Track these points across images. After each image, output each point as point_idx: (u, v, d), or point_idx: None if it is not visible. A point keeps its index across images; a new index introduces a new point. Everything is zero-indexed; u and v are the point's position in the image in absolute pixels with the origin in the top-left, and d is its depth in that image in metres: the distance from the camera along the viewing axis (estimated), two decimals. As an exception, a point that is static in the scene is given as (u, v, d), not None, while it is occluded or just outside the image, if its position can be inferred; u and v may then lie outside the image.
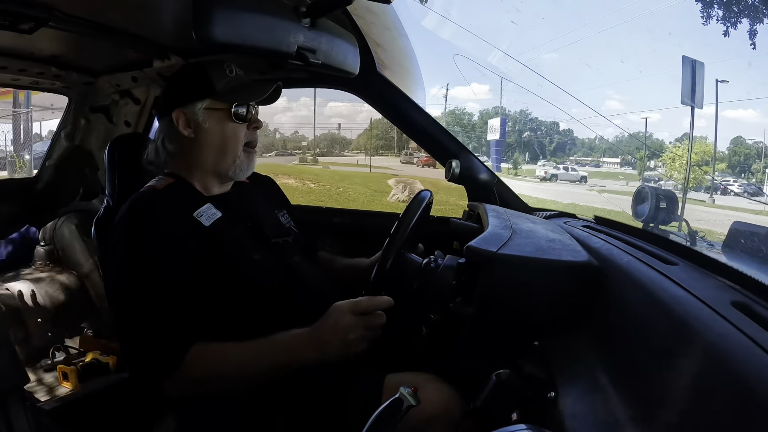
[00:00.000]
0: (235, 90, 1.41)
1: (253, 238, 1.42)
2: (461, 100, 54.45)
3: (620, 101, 49.34)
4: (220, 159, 1.43)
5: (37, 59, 2.26)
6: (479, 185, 1.97)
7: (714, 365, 0.62)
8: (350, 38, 1.58)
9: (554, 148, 33.28)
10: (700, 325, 0.68)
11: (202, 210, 1.37)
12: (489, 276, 1.02)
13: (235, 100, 1.40)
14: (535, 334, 1.05)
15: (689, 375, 0.65)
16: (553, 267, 1.04)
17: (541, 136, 33.88)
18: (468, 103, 50.98)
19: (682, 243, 1.24)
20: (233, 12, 1.21)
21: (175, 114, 1.41)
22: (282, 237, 1.50)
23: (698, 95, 6.32)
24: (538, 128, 34.32)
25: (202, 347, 1.22)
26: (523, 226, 1.28)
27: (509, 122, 29.69)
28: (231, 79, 1.41)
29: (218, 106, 1.40)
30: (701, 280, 0.87)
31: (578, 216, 1.76)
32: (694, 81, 6.22)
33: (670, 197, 1.61)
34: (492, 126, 22.07)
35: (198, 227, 1.35)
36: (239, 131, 1.42)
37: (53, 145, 3.00)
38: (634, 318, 0.86)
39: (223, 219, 1.39)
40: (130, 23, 1.82)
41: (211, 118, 1.40)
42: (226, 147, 1.42)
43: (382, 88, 2.00)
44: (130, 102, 2.60)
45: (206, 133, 1.41)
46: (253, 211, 1.49)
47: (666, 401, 0.67)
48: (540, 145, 32.30)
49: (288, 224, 1.59)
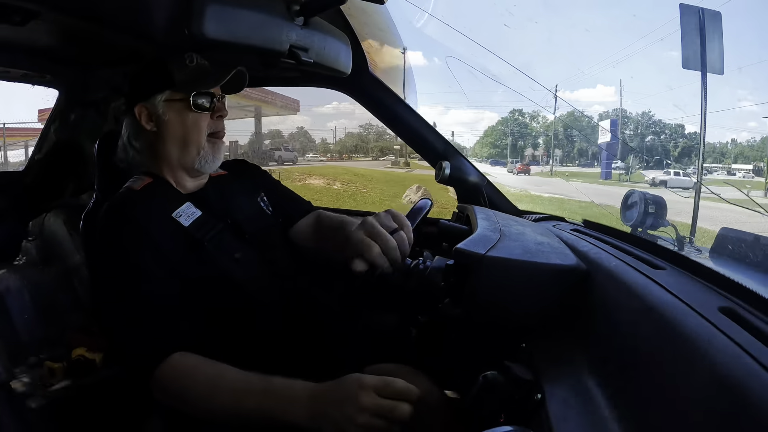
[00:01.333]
0: (194, 79, 1.39)
1: (234, 236, 1.41)
2: (585, 103, 53.60)
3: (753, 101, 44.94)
4: (184, 151, 1.41)
5: (28, 52, 2.24)
6: (469, 187, 1.98)
7: (700, 370, 0.62)
8: (343, 38, 1.58)
9: (678, 153, 30.15)
10: (687, 330, 0.68)
11: (181, 210, 1.36)
12: (477, 278, 1.02)
13: (193, 89, 1.38)
14: (522, 336, 1.05)
15: (675, 379, 0.66)
16: (541, 270, 1.04)
17: (665, 140, 31.16)
18: (594, 106, 49.58)
19: (669, 248, 1.25)
20: (226, 9, 1.21)
21: (137, 109, 1.41)
22: (262, 230, 1.49)
23: (713, 57, 4.18)
24: (661, 131, 31.65)
25: (187, 362, 1.16)
26: (512, 228, 1.29)
27: (630, 125, 29.02)
28: (190, 69, 1.40)
29: (177, 97, 1.38)
30: (689, 285, 0.87)
31: (567, 219, 1.77)
32: (703, 37, 4.24)
33: (658, 202, 1.62)
34: (603, 129, 21.45)
35: (177, 228, 1.34)
36: (200, 121, 1.40)
37: (42, 139, 2.98)
38: (621, 321, 0.86)
39: (202, 218, 1.37)
40: (122, 17, 1.80)
41: (171, 110, 1.39)
42: (188, 138, 1.40)
43: (373, 89, 2.00)
44: (121, 97, 2.59)
45: (167, 125, 1.40)
46: (231, 206, 1.48)
47: (652, 404, 0.67)
48: (663, 149, 30.34)
49: (267, 208, 1.58)
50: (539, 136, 32.80)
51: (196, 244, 1.32)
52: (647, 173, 21.49)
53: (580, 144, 29.28)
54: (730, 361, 0.60)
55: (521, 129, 33.25)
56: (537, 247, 1.14)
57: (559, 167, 27.43)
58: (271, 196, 1.63)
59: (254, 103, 21.52)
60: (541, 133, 32.69)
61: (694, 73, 3.98)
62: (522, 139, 33.05)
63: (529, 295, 1.04)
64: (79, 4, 1.66)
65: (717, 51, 4.08)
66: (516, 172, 24.89)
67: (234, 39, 1.25)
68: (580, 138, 28.88)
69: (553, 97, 28.38)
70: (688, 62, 4.09)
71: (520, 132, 33.21)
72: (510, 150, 31.77)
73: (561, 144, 31.23)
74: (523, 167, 25.99)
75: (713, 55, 4.07)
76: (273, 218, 1.58)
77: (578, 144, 29.21)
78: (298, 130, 26.86)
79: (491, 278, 1.02)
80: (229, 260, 1.35)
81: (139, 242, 1.26)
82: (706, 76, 4.21)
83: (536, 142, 32.62)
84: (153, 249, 1.27)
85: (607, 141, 19.10)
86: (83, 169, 2.81)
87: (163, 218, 1.34)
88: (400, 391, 1.00)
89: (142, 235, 1.27)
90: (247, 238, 1.44)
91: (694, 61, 4.12)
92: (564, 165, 28.52)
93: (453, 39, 2.53)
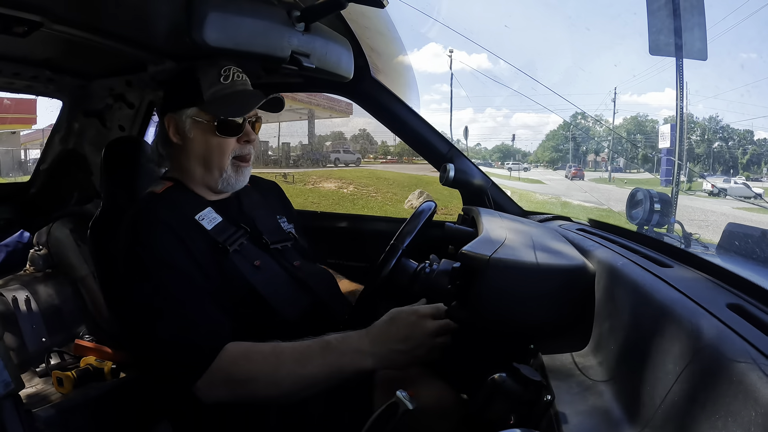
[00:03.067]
0: (222, 101, 1.36)
1: (253, 244, 1.40)
2: (653, 107, 53.29)
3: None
4: (206, 171, 1.40)
5: (31, 63, 2.26)
6: (474, 189, 1.98)
7: (710, 367, 0.62)
8: (344, 42, 1.59)
9: (747, 160, 28.18)
10: (696, 327, 0.68)
11: (203, 213, 1.36)
12: (483, 280, 1.02)
13: (219, 113, 1.35)
14: (530, 338, 1.05)
15: (685, 377, 0.65)
16: (548, 270, 1.04)
17: (732, 146, 29.22)
18: (662, 110, 48.03)
19: (676, 245, 1.24)
20: (227, 16, 1.21)
21: (166, 119, 1.40)
22: (281, 243, 1.48)
23: (691, 40, 3.28)
24: (729, 137, 29.39)
25: (239, 345, 1.17)
26: (517, 229, 1.28)
27: (697, 130, 27.90)
28: (221, 87, 1.37)
29: (203, 118, 1.36)
30: (696, 282, 0.87)
31: (573, 219, 1.77)
32: (677, 17, 3.30)
33: (664, 200, 1.62)
34: (662, 133, 20.17)
35: (201, 230, 1.33)
36: (225, 145, 1.38)
37: (47, 149, 3.00)
38: (629, 320, 0.86)
39: (223, 224, 1.37)
40: (125, 27, 1.82)
41: (196, 128, 1.37)
42: (211, 160, 1.38)
43: (376, 92, 2.00)
44: (124, 106, 2.60)
45: (192, 143, 1.39)
46: (253, 217, 1.47)
47: (662, 403, 0.67)
48: (731, 156, 28.77)
49: (288, 230, 1.56)
50: (602, 141, 31.99)
51: (220, 248, 1.32)
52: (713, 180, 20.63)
53: (645, 149, 28.31)
54: (739, 357, 0.59)
55: (583, 133, 32.38)
56: (543, 248, 1.13)
57: (620, 173, 26.56)
58: (293, 222, 1.62)
59: (305, 106, 21.59)
60: (603, 138, 31.94)
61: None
62: (584, 143, 32.22)
63: (536, 296, 1.03)
64: (82, 16, 1.67)
65: (697, 31, 3.33)
66: (570, 177, 24.77)
67: (236, 46, 1.25)
68: (644, 143, 28.21)
69: (612, 100, 28.08)
70: (658, 48, 3.43)
71: (582, 136, 32.39)
72: (572, 154, 31.23)
73: (624, 149, 30.41)
74: (576, 172, 25.83)
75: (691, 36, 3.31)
76: (292, 236, 1.56)
77: (642, 149, 28.52)
78: (360, 132, 26.85)
79: (498, 280, 1.02)
80: (249, 266, 1.34)
81: (171, 242, 1.25)
82: (682, 65, 3.50)
83: (598, 147, 31.73)
84: (184, 248, 1.26)
85: (666, 146, 18.64)
86: (88, 178, 2.82)
87: (187, 220, 1.33)
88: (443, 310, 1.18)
89: (172, 236, 1.26)
90: (266, 244, 1.43)
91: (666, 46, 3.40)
92: (627, 171, 27.48)
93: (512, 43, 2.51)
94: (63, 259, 2.56)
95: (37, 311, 2.38)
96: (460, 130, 32.64)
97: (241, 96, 1.38)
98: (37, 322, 2.37)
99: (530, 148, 35.66)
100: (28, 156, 20.02)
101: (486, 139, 39.61)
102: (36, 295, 2.42)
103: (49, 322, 2.41)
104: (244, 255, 1.35)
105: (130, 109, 2.60)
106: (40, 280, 2.51)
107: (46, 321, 2.40)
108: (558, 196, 16.65)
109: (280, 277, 1.40)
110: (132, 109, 2.61)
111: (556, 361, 0.94)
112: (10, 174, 18.27)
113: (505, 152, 34.06)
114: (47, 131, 3.21)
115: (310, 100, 20.72)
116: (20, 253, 2.75)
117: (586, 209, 13.31)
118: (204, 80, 1.37)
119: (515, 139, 38.19)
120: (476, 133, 39.81)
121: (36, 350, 2.30)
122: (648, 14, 3.32)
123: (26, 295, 2.37)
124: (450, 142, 2.06)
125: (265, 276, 1.36)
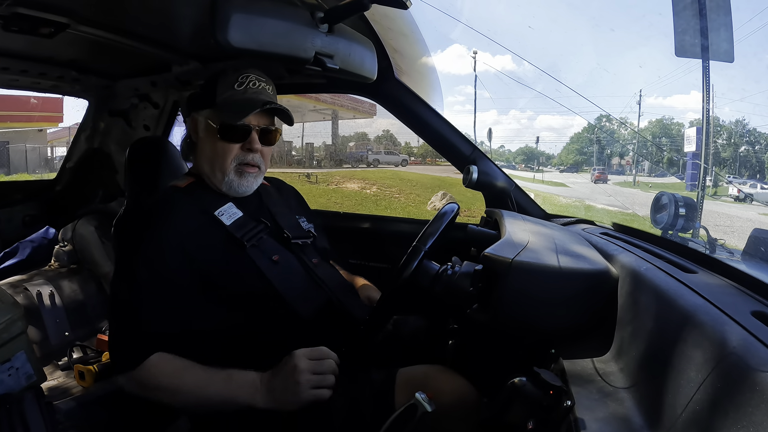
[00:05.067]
0: (228, 107, 1.36)
1: (273, 238, 1.42)
2: (679, 110, 53.05)
3: None
4: (211, 172, 1.41)
5: (57, 63, 2.30)
6: (497, 191, 1.96)
7: (733, 375, 0.61)
8: (368, 44, 1.59)
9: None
10: (719, 335, 0.67)
11: (223, 209, 1.38)
12: (506, 283, 1.01)
13: (222, 118, 1.36)
14: (551, 342, 1.04)
15: (707, 385, 0.64)
16: (571, 274, 1.03)
17: (759, 150, 27.97)
18: (688, 113, 49.12)
19: (701, 251, 1.22)
20: (251, 17, 1.22)
21: (191, 117, 1.44)
22: (302, 239, 1.50)
23: (718, 41, 3.09)
24: (755, 141, 28.23)
25: (164, 358, 1.23)
26: (540, 233, 1.27)
27: (723, 134, 27.02)
28: (233, 93, 1.37)
29: (212, 121, 1.38)
30: (720, 289, 0.86)
31: (596, 223, 1.75)
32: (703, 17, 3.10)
33: (689, 204, 1.59)
34: (688, 136, 19.97)
35: (219, 225, 1.35)
36: (227, 150, 1.38)
37: (73, 147, 3.05)
38: (652, 326, 0.85)
39: (243, 219, 1.38)
40: (149, 28, 1.84)
41: (206, 131, 1.40)
42: (214, 162, 1.39)
43: (399, 94, 1.99)
44: (149, 106, 2.64)
45: (202, 143, 1.42)
46: (273, 213, 1.49)
47: (683, 411, 0.66)
48: (757, 161, 27.76)
49: (308, 228, 1.57)
50: (627, 144, 31.52)
51: (237, 244, 1.34)
52: (739, 185, 19.58)
53: (670, 153, 27.84)
54: (763, 366, 0.58)
55: (608, 136, 32.03)
56: (566, 252, 1.12)
57: (645, 177, 26.23)
58: (312, 222, 1.63)
59: (329, 107, 21.78)
60: (628, 141, 31.44)
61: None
62: (609, 146, 31.82)
63: (558, 300, 1.03)
64: (107, 18, 1.70)
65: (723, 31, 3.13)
66: (594, 180, 24.67)
67: (259, 47, 1.26)
68: (669, 147, 27.68)
69: (637, 103, 27.55)
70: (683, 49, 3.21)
71: (607, 139, 31.98)
72: (596, 157, 30.81)
73: (649, 153, 29.81)
74: (600, 175, 25.68)
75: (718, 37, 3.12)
76: (312, 234, 1.57)
77: (668, 153, 28.00)
78: (384, 133, 26.86)
79: (520, 283, 1.01)
80: (266, 261, 1.36)
81: (170, 243, 1.27)
82: (708, 67, 3.27)
83: (623, 150, 31.32)
84: (189, 241, 1.28)
85: (692, 150, 18.21)
86: (113, 176, 2.86)
87: (206, 214, 1.35)
88: (325, 353, 1.23)
89: (180, 226, 1.29)
90: (287, 239, 1.45)
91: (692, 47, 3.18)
92: (652, 175, 27.10)
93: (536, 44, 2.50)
94: (87, 256, 2.60)
95: (60, 306, 2.42)
96: (483, 132, 32.51)
97: (245, 103, 1.37)
98: (61, 317, 2.41)
99: (554, 151, 35.48)
100: (54, 153, 20.45)
101: (510, 141, 39.55)
102: (60, 290, 2.46)
103: (72, 317, 2.44)
104: (262, 250, 1.37)
105: (155, 108, 2.64)
106: (64, 276, 2.56)
107: (69, 315, 2.44)
108: (582, 199, 16.45)
109: (297, 272, 1.41)
110: (157, 109, 2.65)
111: (576, 366, 0.94)
112: (36, 171, 18.64)
113: (528, 155, 33.80)
114: (73, 129, 3.26)
115: (334, 100, 20.90)
116: (45, 249, 2.80)
117: (610, 213, 13.16)
118: (221, 84, 1.39)
119: (539, 142, 37.81)
120: (500, 135, 39.73)
121: (59, 344, 2.34)
122: (673, 15, 3.20)
123: (50, 290, 2.41)
124: (473, 144, 2.04)
125: (282, 271, 1.37)
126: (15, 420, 1.39)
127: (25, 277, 2.50)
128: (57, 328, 2.39)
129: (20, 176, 15.59)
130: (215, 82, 1.40)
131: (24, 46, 2.02)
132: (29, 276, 2.53)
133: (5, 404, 1.38)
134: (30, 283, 2.42)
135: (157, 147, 1.79)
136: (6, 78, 2.34)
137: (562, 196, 17.10)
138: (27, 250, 2.80)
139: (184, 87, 2.42)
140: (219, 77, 1.40)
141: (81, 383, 2.10)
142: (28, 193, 3.10)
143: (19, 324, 1.41)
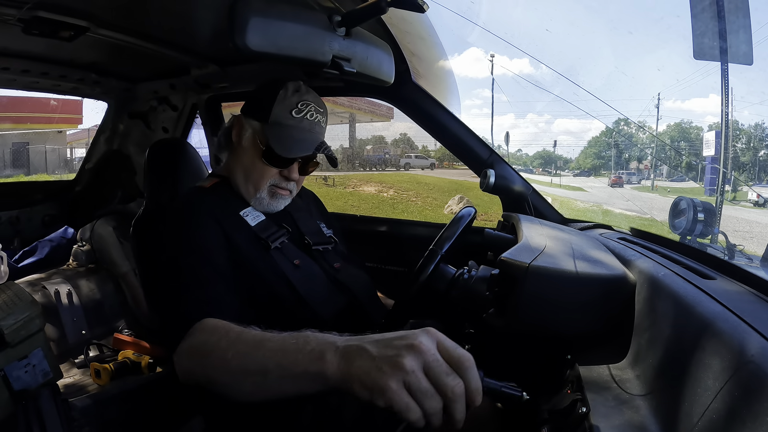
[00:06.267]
0: (279, 131, 1.35)
1: (294, 244, 1.42)
2: (698, 114, 52.47)
3: None
4: (244, 183, 1.41)
5: (78, 66, 2.34)
6: (514, 195, 1.95)
7: (751, 384, 0.60)
8: (385, 47, 1.59)
9: None
10: (738, 343, 0.66)
11: (247, 210, 1.38)
12: (522, 288, 1.00)
13: (272, 143, 1.34)
14: (567, 348, 1.03)
15: (725, 393, 0.63)
16: (587, 280, 1.02)
17: None
18: (707, 117, 47.43)
19: (720, 257, 1.21)
20: (269, 21, 1.23)
21: (238, 118, 1.43)
22: (323, 245, 1.50)
23: (737, 44, 3.02)
24: None
25: (216, 321, 1.06)
26: (557, 237, 1.27)
27: (743, 138, 25.92)
28: (288, 117, 1.36)
29: (259, 138, 1.37)
30: (740, 296, 0.85)
31: (614, 228, 1.73)
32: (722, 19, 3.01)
33: (708, 209, 1.57)
34: (707, 140, 18.90)
35: (244, 225, 1.35)
36: (266, 171, 1.38)
37: (92, 148, 3.09)
38: (669, 333, 0.84)
39: (266, 222, 1.39)
40: (168, 32, 1.86)
41: (250, 143, 1.39)
42: (250, 177, 1.39)
43: (416, 97, 1.99)
44: (168, 108, 2.67)
45: (243, 151, 1.41)
46: (295, 218, 1.49)
47: (699, 420, 0.65)
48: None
49: (329, 234, 1.57)
50: (645, 148, 30.81)
51: (261, 244, 1.34)
52: (759, 189, 18.52)
53: (689, 157, 27.55)
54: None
55: (626, 140, 31.21)
56: (583, 257, 1.11)
57: (663, 182, 25.46)
58: (332, 228, 1.63)
59: (347, 110, 21.77)
60: (647, 145, 30.88)
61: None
62: (627, 150, 31.04)
63: (575, 305, 1.01)
64: (127, 21, 1.72)
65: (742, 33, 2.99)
66: (610, 185, 24.53)
67: (277, 50, 1.26)
68: (688, 151, 27.37)
69: (655, 106, 27.25)
70: (702, 51, 3.04)
71: (625, 143, 31.17)
72: (614, 161, 30.24)
73: (667, 157, 28.90)
74: (616, 180, 25.50)
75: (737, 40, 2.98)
76: (333, 240, 1.57)
77: (686, 157, 27.61)
78: (401, 137, 26.87)
79: (536, 288, 1.01)
80: (289, 264, 1.36)
81: (207, 228, 1.27)
82: (727, 69, 3.14)
83: (641, 154, 30.26)
84: (220, 236, 1.28)
85: (711, 154, 17.84)
86: (131, 177, 2.90)
87: (232, 213, 1.36)
88: (466, 361, 0.78)
89: (217, 226, 1.29)
90: (308, 245, 1.45)
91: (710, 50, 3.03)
92: (670, 179, 26.05)
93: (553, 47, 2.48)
94: (105, 256, 2.63)
95: (78, 305, 2.45)
96: (501, 136, 32.32)
97: (295, 140, 1.37)
98: (78, 315, 2.44)
99: (572, 155, 34.82)
100: (73, 154, 20.70)
101: (527, 145, 39.24)
102: (78, 289, 2.49)
103: (89, 316, 2.48)
104: (284, 253, 1.37)
105: (173, 111, 2.67)
106: (82, 275, 2.59)
107: (86, 314, 2.47)
108: (599, 204, 16.31)
109: (318, 277, 1.40)
110: (176, 112, 2.67)
111: (592, 372, 0.93)
112: (56, 171, 18.88)
113: (546, 159, 33.32)
114: (92, 131, 3.31)
115: (351, 104, 20.85)
116: (64, 249, 2.84)
117: (628, 218, 13.03)
118: (278, 104, 1.37)
119: (557, 146, 37.53)
120: (517, 138, 39.54)
121: (76, 342, 2.38)
122: (692, 17, 3.12)
123: (68, 289, 2.44)
124: (491, 148, 2.04)
125: (303, 274, 1.36)
126: (31, 416, 1.41)
127: (44, 276, 2.55)
128: (74, 327, 2.42)
129: (40, 177, 15.80)
130: (273, 98, 1.38)
131: (45, 49, 2.06)
132: (47, 275, 2.57)
133: (22, 400, 1.40)
134: (48, 281, 2.46)
135: (176, 149, 1.80)
136: (27, 80, 2.39)
137: (579, 201, 16.98)
138: (46, 249, 2.85)
139: (202, 90, 2.44)
140: (279, 92, 1.38)
141: (97, 381, 2.12)
142: (47, 193, 3.15)
143: (37, 322, 1.42)
